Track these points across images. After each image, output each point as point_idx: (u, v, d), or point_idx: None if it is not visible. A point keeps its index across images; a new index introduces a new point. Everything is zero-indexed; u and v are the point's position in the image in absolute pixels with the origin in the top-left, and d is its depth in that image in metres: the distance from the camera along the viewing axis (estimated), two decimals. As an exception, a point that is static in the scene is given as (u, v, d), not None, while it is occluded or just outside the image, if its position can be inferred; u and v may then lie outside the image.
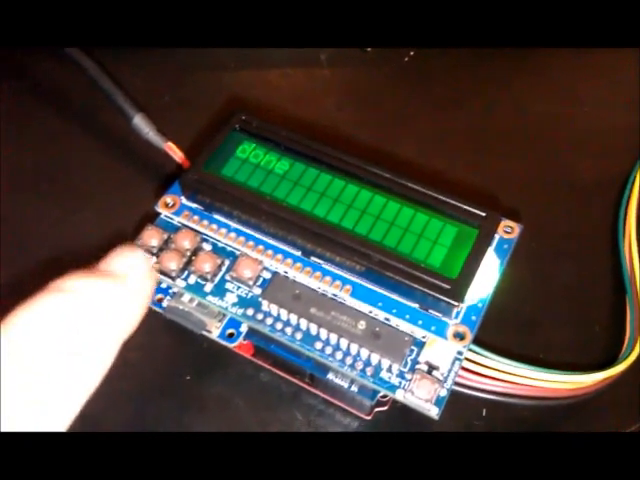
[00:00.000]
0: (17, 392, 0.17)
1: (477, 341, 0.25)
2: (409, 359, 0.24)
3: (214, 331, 0.26)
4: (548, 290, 0.30)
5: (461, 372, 0.25)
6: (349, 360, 0.24)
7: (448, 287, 0.23)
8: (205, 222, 0.26)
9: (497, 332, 0.28)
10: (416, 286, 0.24)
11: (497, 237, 0.26)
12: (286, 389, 0.27)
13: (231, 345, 0.26)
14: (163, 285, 0.27)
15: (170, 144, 0.31)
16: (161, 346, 0.28)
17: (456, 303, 0.23)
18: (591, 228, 0.32)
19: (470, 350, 0.25)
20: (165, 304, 0.26)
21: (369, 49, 0.37)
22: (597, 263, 0.31)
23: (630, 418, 0.26)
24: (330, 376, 0.26)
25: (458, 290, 0.23)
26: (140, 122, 0.32)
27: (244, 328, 0.26)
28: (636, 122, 0.35)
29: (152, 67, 0.37)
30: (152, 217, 0.27)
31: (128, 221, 0.30)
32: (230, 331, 0.26)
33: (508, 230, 0.26)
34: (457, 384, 0.25)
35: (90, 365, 0.19)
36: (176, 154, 0.31)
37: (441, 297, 0.23)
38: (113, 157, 0.34)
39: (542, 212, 0.32)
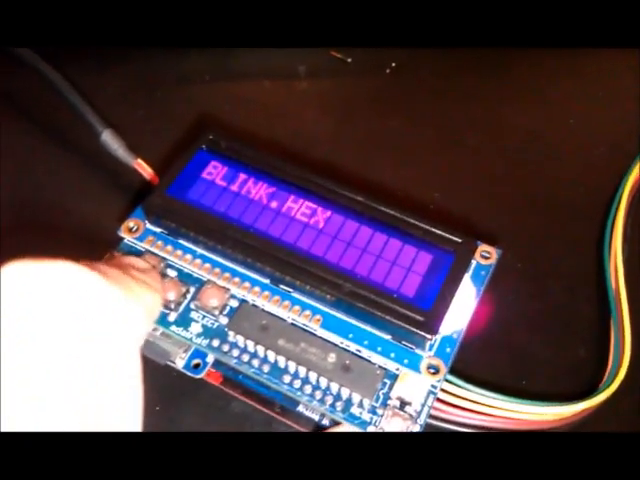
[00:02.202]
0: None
1: (455, 370, 0.24)
2: (381, 393, 0.23)
3: (179, 362, 0.25)
4: (532, 313, 0.29)
5: (437, 404, 0.24)
6: (318, 394, 0.23)
7: (421, 319, 0.22)
8: (169, 247, 0.25)
9: (479, 358, 0.27)
10: (388, 318, 0.23)
11: (474, 263, 0.25)
12: (258, 418, 0.26)
13: (197, 376, 0.25)
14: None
15: (139, 161, 0.30)
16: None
17: (429, 336, 0.22)
18: (577, 248, 0.31)
19: (447, 381, 0.24)
20: (128, 333, 0.25)
21: (349, 60, 0.36)
22: (583, 284, 0.30)
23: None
24: (300, 408, 0.25)
25: (431, 322, 0.22)
26: (109, 138, 0.30)
27: (211, 358, 0.25)
28: (622, 136, 0.34)
29: (125, 80, 0.36)
30: (118, 239, 0.26)
31: (98, 239, 0.29)
32: (196, 362, 0.25)
33: (486, 255, 0.25)
34: (433, 417, 0.24)
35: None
36: (145, 171, 0.30)
37: (414, 330, 0.22)
38: (82, 173, 0.32)
39: (527, 232, 0.31)
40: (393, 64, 0.36)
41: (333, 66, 0.36)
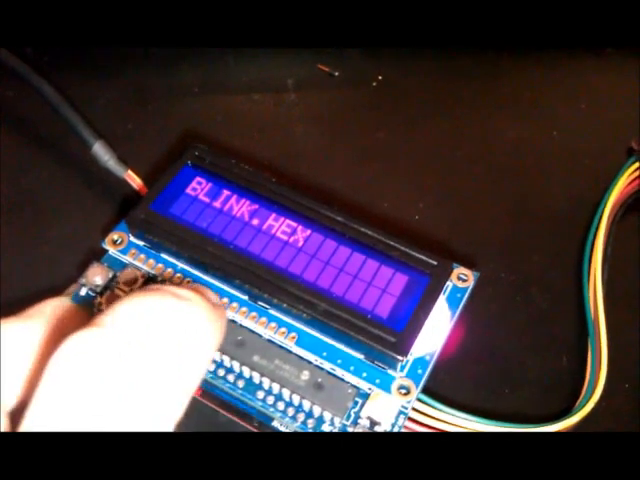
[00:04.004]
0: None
1: (430, 391, 0.25)
2: (352, 412, 0.23)
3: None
4: (512, 329, 0.29)
5: (409, 424, 0.24)
6: (291, 411, 0.23)
7: (393, 340, 0.23)
8: (152, 261, 0.26)
9: (454, 378, 0.27)
10: (360, 338, 0.23)
11: (450, 285, 0.25)
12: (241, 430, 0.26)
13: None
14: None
15: (130, 172, 0.31)
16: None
17: (400, 357, 0.23)
18: (559, 265, 0.31)
19: (420, 401, 0.24)
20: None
21: (336, 73, 0.37)
22: (564, 302, 0.30)
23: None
24: (275, 424, 0.25)
25: (403, 344, 0.23)
26: (99, 150, 0.31)
27: (188, 372, 0.25)
28: (607, 149, 0.34)
29: (116, 91, 0.36)
30: (103, 250, 0.27)
31: (86, 249, 0.29)
32: (174, 374, 0.25)
33: (463, 278, 0.26)
34: (404, 436, 0.25)
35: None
36: (135, 182, 0.30)
37: (385, 350, 0.23)
38: (73, 183, 0.33)
39: (510, 244, 0.32)
40: (380, 77, 0.37)
41: (321, 80, 0.37)
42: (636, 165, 0.33)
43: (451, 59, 0.38)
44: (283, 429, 0.25)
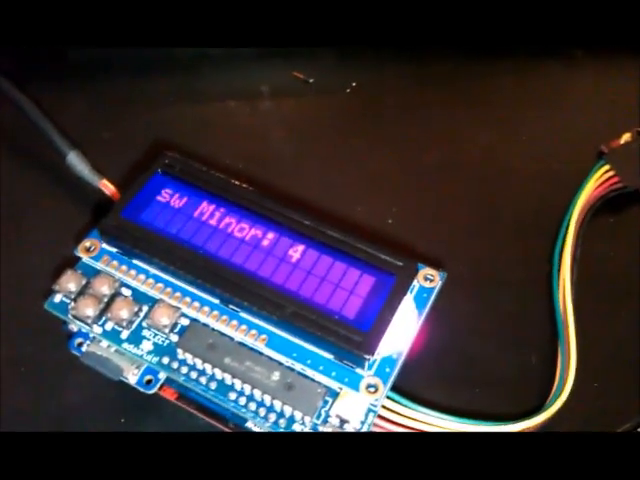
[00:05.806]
0: None
1: (401, 389, 0.25)
2: (323, 411, 0.24)
3: (132, 378, 0.26)
4: (483, 328, 0.30)
5: (380, 422, 0.25)
6: (262, 411, 0.24)
7: (359, 339, 0.23)
8: (124, 267, 0.26)
9: (425, 376, 0.28)
10: (328, 338, 0.23)
11: (417, 286, 0.26)
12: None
13: (149, 392, 0.26)
14: (84, 330, 0.26)
15: (105, 181, 0.31)
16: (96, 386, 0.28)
17: (367, 356, 0.23)
18: (529, 267, 0.32)
19: (391, 399, 0.25)
20: (84, 349, 0.26)
21: (311, 80, 0.37)
22: (534, 302, 0.31)
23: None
24: (249, 425, 0.25)
25: (369, 343, 0.23)
26: (73, 159, 0.31)
27: (163, 375, 0.26)
28: (577, 153, 0.35)
29: (92, 100, 0.36)
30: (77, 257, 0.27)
31: (61, 258, 0.30)
32: (148, 378, 0.26)
33: (430, 278, 0.26)
34: (375, 434, 0.25)
35: None
36: (110, 191, 0.31)
37: (352, 349, 0.23)
38: (50, 192, 0.33)
39: (481, 247, 0.32)
40: (354, 84, 0.38)
41: (295, 86, 0.38)
42: (605, 168, 0.34)
43: (422, 65, 0.38)
44: (257, 430, 0.25)
